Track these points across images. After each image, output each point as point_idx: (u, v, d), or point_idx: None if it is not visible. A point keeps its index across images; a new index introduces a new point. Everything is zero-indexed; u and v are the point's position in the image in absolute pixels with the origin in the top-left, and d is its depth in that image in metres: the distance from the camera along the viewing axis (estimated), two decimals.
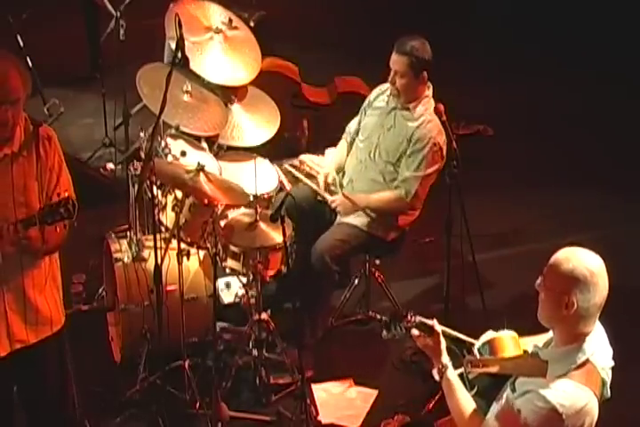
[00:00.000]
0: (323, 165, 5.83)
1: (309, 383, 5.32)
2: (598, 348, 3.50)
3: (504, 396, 3.58)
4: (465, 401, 3.65)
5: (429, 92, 5.50)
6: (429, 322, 3.77)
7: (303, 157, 5.93)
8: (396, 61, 5.39)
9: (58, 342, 4.31)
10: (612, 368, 3.60)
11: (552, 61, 8.71)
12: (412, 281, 6.31)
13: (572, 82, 8.41)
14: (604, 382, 3.51)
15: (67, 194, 3.92)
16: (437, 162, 5.39)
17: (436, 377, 3.71)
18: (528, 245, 6.35)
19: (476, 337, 3.86)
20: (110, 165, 6.80)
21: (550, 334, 3.60)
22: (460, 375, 3.71)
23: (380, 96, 5.64)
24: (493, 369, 3.65)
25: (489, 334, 3.80)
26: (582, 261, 3.42)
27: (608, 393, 3.56)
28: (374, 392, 5.43)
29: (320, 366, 5.54)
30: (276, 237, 5.14)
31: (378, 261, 5.88)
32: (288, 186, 5.76)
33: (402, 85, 5.42)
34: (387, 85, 5.54)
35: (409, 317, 3.75)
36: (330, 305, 5.76)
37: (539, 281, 3.50)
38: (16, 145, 4.04)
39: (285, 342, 5.37)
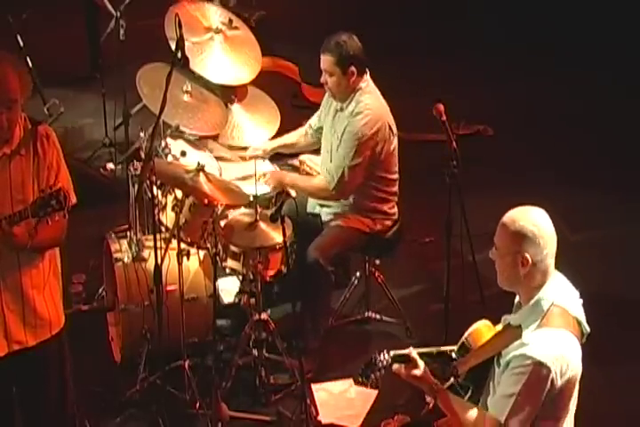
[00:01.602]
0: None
1: (309, 383, 5.32)
2: (560, 291, 3.59)
3: (493, 379, 3.60)
4: (468, 410, 3.65)
5: (364, 83, 5.43)
6: (404, 351, 3.77)
7: (303, 156, 5.93)
8: (323, 61, 5.39)
9: (58, 344, 4.30)
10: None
11: (552, 61, 8.71)
12: (412, 281, 6.31)
13: (572, 82, 8.41)
14: (578, 321, 3.59)
15: (59, 186, 3.90)
16: (363, 153, 5.35)
17: (430, 401, 3.71)
18: None
19: None
20: (110, 165, 6.78)
21: (516, 300, 3.68)
22: (452, 386, 3.72)
23: (327, 100, 5.63)
24: (477, 360, 3.67)
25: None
26: (526, 218, 3.56)
27: (587, 328, 3.63)
28: (374, 392, 5.42)
29: (320, 366, 5.54)
30: (276, 237, 5.14)
31: (378, 261, 5.87)
32: (293, 193, 5.76)
33: (332, 84, 5.41)
34: None
35: (382, 355, 3.75)
36: (330, 306, 5.76)
37: (492, 250, 3.61)
38: (15, 144, 4.04)
39: (287, 343, 5.37)
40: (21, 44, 7.05)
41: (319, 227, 5.63)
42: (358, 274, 5.91)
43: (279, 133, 6.00)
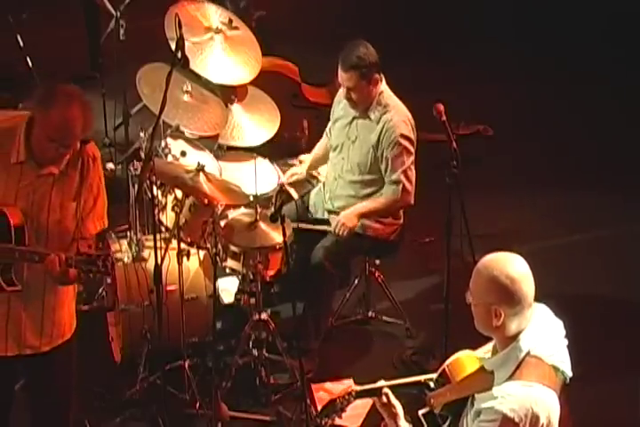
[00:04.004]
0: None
1: (309, 383, 5.33)
2: (537, 338, 3.45)
3: (467, 415, 3.57)
4: None
5: (383, 85, 5.45)
6: (372, 386, 3.71)
7: (303, 156, 5.94)
8: (347, 78, 5.34)
9: (68, 347, 4.27)
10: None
11: (552, 61, 8.71)
12: (412, 281, 6.31)
13: (572, 82, 8.41)
14: (556, 368, 3.46)
15: (108, 253, 3.91)
16: (411, 152, 5.40)
17: None
18: (528, 245, 6.33)
19: (477, 337, 3.84)
20: (110, 165, 6.79)
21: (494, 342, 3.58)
22: (428, 414, 3.69)
23: (340, 104, 5.60)
24: (452, 397, 3.62)
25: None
26: (502, 269, 3.41)
27: (569, 374, 3.50)
28: None
29: (320, 366, 5.54)
30: (276, 237, 5.14)
31: (378, 262, 5.88)
32: (295, 195, 5.76)
33: (358, 98, 5.39)
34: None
35: (345, 396, 3.70)
36: (331, 306, 5.76)
37: (467, 293, 3.50)
38: (63, 164, 3.99)
39: (287, 343, 5.37)
40: (21, 44, 7.05)
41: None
42: (358, 274, 5.91)
43: (277, 134, 6.01)
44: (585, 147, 7.64)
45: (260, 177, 5.30)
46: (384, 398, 3.69)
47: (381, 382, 3.74)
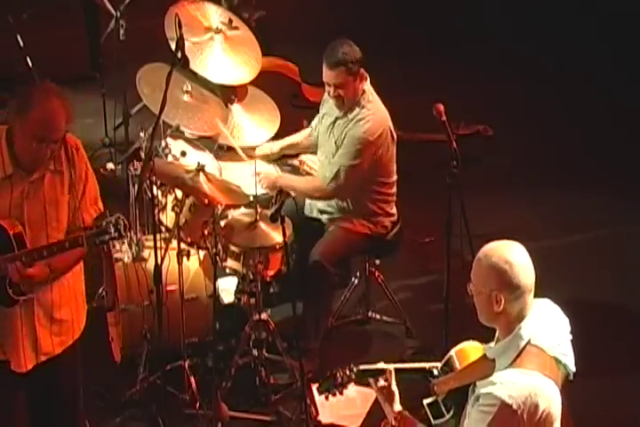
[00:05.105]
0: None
1: (309, 383, 5.32)
2: (539, 328, 3.47)
3: (467, 408, 3.58)
4: None
5: (366, 84, 5.45)
6: (375, 366, 3.72)
7: (303, 156, 5.94)
8: (334, 76, 5.35)
9: (74, 346, 4.30)
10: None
11: (552, 61, 8.72)
12: (412, 281, 6.32)
13: (573, 82, 8.42)
14: (558, 360, 3.47)
15: (118, 215, 3.87)
16: (363, 156, 5.36)
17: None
18: (528, 245, 6.31)
19: (477, 337, 3.85)
20: (110, 165, 6.79)
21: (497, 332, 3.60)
22: (432, 403, 3.70)
23: (326, 103, 5.62)
24: (454, 385, 3.65)
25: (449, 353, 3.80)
26: (500, 255, 3.44)
27: (572, 368, 3.52)
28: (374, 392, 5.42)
29: (320, 366, 5.53)
30: (276, 237, 5.14)
31: (378, 261, 5.88)
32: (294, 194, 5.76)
33: (347, 94, 5.39)
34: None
35: (347, 371, 3.71)
36: (331, 306, 5.76)
37: (469, 284, 3.52)
38: (50, 162, 3.99)
39: (287, 343, 5.37)
40: (21, 44, 7.05)
41: (319, 229, 5.63)
42: (358, 274, 5.91)
43: (278, 134, 6.01)
44: (584, 147, 7.64)
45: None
46: (383, 381, 3.69)
47: (383, 364, 3.74)
